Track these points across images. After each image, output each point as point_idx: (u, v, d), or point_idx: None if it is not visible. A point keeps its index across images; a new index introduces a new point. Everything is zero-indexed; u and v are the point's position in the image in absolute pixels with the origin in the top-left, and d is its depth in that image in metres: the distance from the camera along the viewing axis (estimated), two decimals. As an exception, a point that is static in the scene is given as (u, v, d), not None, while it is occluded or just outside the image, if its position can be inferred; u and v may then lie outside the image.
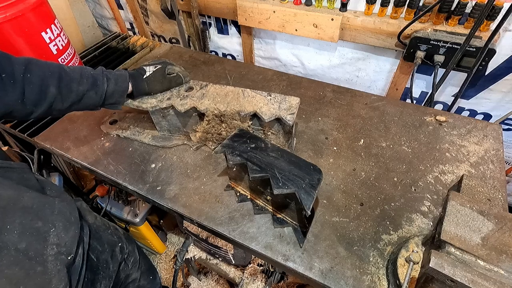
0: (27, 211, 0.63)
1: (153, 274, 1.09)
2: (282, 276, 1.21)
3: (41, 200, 0.67)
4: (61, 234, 0.66)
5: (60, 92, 0.81)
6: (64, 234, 0.66)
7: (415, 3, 1.10)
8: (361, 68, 1.45)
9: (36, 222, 0.63)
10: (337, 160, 1.01)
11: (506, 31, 1.04)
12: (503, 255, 0.55)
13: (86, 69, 0.89)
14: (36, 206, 0.65)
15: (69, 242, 0.67)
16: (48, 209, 0.67)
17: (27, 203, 0.64)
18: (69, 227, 0.69)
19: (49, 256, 0.62)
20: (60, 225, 0.67)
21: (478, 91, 1.25)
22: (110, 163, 1.05)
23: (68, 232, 0.68)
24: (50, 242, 0.63)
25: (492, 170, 0.94)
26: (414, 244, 0.74)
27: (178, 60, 1.52)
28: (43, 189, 0.73)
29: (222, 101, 0.96)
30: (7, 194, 0.62)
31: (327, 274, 0.75)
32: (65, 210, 0.70)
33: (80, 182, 1.83)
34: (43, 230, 0.63)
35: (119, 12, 2.06)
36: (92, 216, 0.87)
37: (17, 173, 0.71)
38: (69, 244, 0.67)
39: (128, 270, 0.93)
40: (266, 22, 1.40)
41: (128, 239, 0.99)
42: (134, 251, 0.99)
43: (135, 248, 1.01)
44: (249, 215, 0.88)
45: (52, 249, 0.63)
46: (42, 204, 0.66)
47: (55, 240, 0.64)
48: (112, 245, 0.87)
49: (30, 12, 1.07)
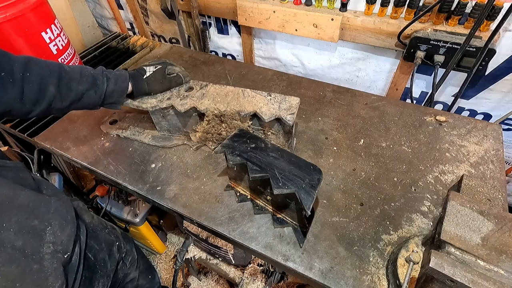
0: (23, 209, 0.63)
1: (152, 273, 1.10)
2: (282, 276, 1.21)
3: (37, 198, 0.67)
4: (57, 232, 0.66)
5: (59, 91, 0.81)
6: (60, 233, 0.66)
7: (415, 3, 1.10)
8: (361, 68, 1.45)
9: (32, 221, 0.63)
10: (337, 160, 1.01)
11: (506, 31, 1.04)
12: (503, 255, 0.55)
13: (86, 68, 0.89)
14: (32, 204, 0.65)
15: (65, 241, 0.67)
16: (44, 208, 0.67)
17: (23, 202, 0.64)
18: (65, 225, 0.69)
19: (46, 254, 0.62)
20: (56, 223, 0.67)
21: (478, 91, 1.25)
22: (110, 163, 1.05)
23: (64, 231, 0.68)
24: (46, 240, 0.63)
25: (492, 170, 0.94)
26: (414, 244, 0.74)
27: (178, 60, 1.52)
28: (39, 188, 0.74)
29: (222, 101, 0.96)
30: (3, 192, 0.62)
31: (327, 274, 0.75)
32: (61, 209, 0.70)
33: (80, 182, 1.84)
34: (39, 228, 0.63)
35: (119, 12, 2.06)
36: (89, 215, 0.87)
37: (13, 172, 0.71)
38: (66, 242, 0.67)
39: (126, 269, 0.94)
40: (266, 22, 1.40)
41: (125, 238, 0.99)
42: (132, 250, 0.99)
43: (133, 248, 1.01)
44: (249, 215, 0.88)
45: (48, 247, 0.63)
46: (38, 203, 0.66)
47: (51, 238, 0.64)
48: (109, 244, 0.87)
49: (30, 12, 1.07)
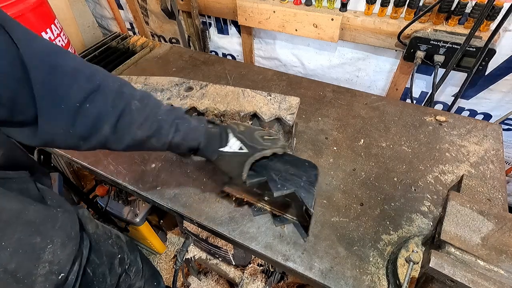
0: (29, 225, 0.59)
1: (157, 279, 1.06)
2: (282, 276, 1.21)
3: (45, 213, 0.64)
4: (57, 251, 0.62)
5: (115, 132, 0.62)
6: (60, 251, 0.63)
7: (415, 3, 1.10)
8: (361, 68, 1.45)
9: (34, 238, 0.59)
10: (337, 160, 1.01)
11: (506, 31, 1.04)
12: (503, 255, 0.55)
13: (158, 109, 0.68)
14: (39, 220, 0.61)
15: (63, 260, 0.63)
16: (50, 224, 0.63)
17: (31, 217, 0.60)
18: (68, 243, 0.65)
19: (39, 277, 0.59)
20: (59, 241, 0.63)
21: (478, 91, 1.25)
22: (110, 163, 1.05)
23: (65, 249, 0.64)
24: (43, 259, 0.59)
25: (492, 170, 0.94)
26: (414, 244, 0.74)
27: (178, 60, 1.52)
28: (43, 199, 0.70)
29: (222, 101, 0.96)
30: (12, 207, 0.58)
31: (327, 274, 0.75)
32: (66, 224, 0.67)
33: (80, 182, 1.84)
34: (39, 246, 0.60)
35: (119, 12, 2.06)
36: (94, 225, 0.82)
37: (16, 183, 0.66)
38: (63, 262, 0.63)
39: (130, 280, 0.90)
40: (266, 22, 1.40)
41: (130, 248, 0.94)
42: (136, 260, 0.94)
43: (138, 257, 0.96)
44: (249, 215, 0.88)
45: (43, 267, 0.59)
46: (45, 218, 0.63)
47: (49, 257, 0.61)
48: (111, 257, 0.83)
49: (30, 12, 1.08)
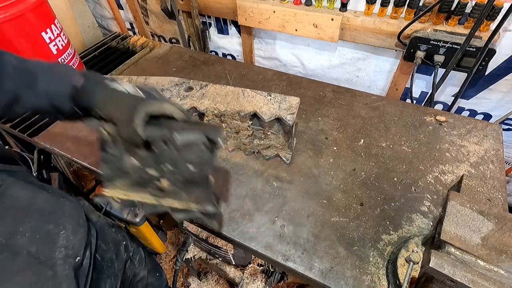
0: (41, 213, 0.63)
1: (159, 271, 1.10)
2: (282, 276, 1.21)
3: (54, 201, 0.67)
4: (70, 236, 0.65)
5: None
6: (72, 237, 0.66)
7: (415, 3, 1.10)
8: (361, 68, 1.45)
9: (47, 225, 0.63)
10: (337, 160, 1.01)
11: (506, 31, 1.04)
12: (503, 255, 0.55)
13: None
14: (49, 208, 0.65)
15: (77, 245, 0.67)
16: (60, 211, 0.67)
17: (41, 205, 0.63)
18: (78, 229, 0.69)
19: (58, 260, 0.61)
20: (70, 227, 0.67)
21: (478, 91, 1.25)
22: (110, 163, 1.04)
23: (77, 235, 0.68)
24: (58, 245, 0.63)
25: (492, 170, 0.94)
26: (414, 244, 0.74)
27: (178, 60, 1.52)
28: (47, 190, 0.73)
29: (222, 101, 0.96)
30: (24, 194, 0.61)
31: (327, 274, 0.75)
32: (74, 212, 0.70)
33: (80, 182, 1.83)
34: (53, 232, 0.63)
35: (119, 12, 2.06)
36: (96, 214, 0.87)
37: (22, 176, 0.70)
38: (77, 246, 0.67)
39: (135, 268, 0.93)
40: (266, 22, 1.40)
41: (131, 238, 0.99)
42: (138, 249, 0.99)
43: (139, 246, 1.01)
44: (249, 215, 0.88)
45: (60, 252, 0.63)
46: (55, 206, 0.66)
47: (64, 242, 0.64)
48: (116, 243, 0.87)
49: (30, 12, 1.07)
